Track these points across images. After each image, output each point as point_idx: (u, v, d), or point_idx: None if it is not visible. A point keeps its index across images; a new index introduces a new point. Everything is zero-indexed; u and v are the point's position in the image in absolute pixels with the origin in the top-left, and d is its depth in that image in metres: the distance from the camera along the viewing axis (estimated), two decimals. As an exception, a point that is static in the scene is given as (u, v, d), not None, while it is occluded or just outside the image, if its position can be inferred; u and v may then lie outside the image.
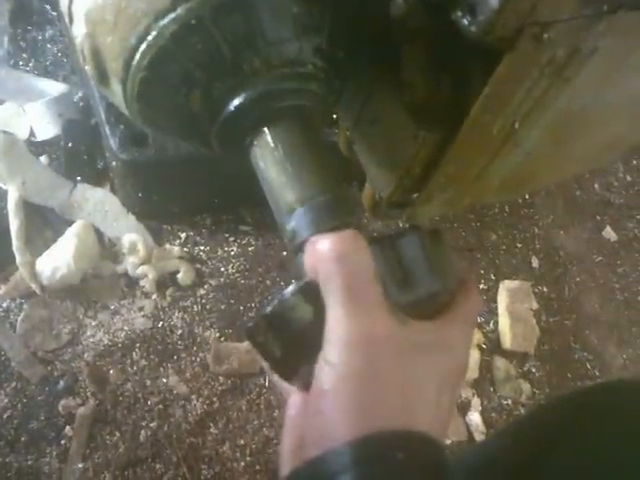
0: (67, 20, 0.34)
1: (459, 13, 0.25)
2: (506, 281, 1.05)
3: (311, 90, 0.33)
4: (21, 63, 1.05)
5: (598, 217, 1.22)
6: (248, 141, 0.34)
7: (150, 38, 0.30)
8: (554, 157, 0.43)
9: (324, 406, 0.27)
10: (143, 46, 0.31)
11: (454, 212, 1.01)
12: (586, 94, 0.35)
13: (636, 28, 0.30)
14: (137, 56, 0.31)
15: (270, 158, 0.33)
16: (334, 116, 0.45)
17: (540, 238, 1.14)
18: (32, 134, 0.96)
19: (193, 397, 0.86)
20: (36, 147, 0.96)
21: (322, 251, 0.28)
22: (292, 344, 0.30)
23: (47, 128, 0.96)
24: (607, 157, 0.54)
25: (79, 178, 0.94)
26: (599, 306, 1.11)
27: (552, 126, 0.37)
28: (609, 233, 1.20)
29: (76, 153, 0.95)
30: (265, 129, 0.33)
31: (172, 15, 0.29)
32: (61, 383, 0.84)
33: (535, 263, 1.11)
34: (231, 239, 0.99)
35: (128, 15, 0.30)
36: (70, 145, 0.94)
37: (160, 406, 0.85)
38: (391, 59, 0.33)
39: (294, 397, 0.31)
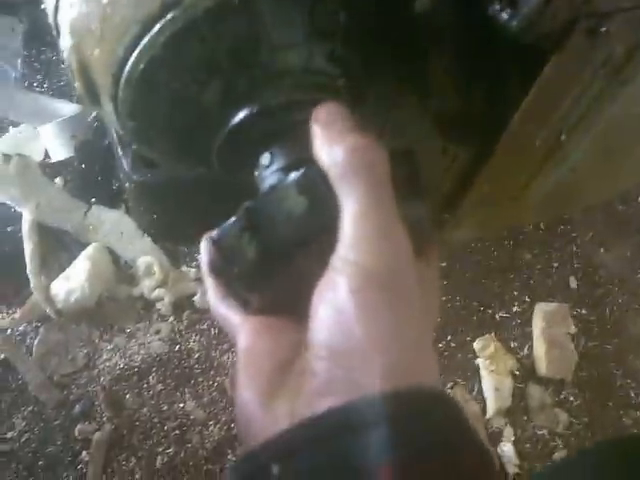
0: (55, 33, 0.31)
1: (497, 6, 0.21)
2: (542, 303, 0.98)
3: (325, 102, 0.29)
4: (35, 84, 1.05)
5: (642, 233, 1.14)
6: (254, 159, 0.30)
7: (139, 49, 0.27)
8: (604, 170, 0.38)
9: (351, 309, 0.23)
10: (132, 58, 0.27)
11: (486, 237, 0.95)
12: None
13: None
14: (126, 69, 0.28)
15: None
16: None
17: (578, 256, 1.07)
18: (47, 156, 0.96)
19: (210, 423, 0.83)
20: (51, 169, 0.95)
21: (349, 150, 0.26)
22: (272, 243, 0.26)
23: (61, 149, 0.95)
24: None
25: (94, 200, 0.93)
26: (644, 329, 1.03)
27: (604, 135, 0.32)
28: (655, 250, 1.12)
29: (90, 174, 0.93)
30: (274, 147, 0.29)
31: (162, 22, 0.26)
32: (77, 407, 0.83)
33: (573, 284, 1.04)
34: (250, 259, 0.96)
35: (114, 23, 0.27)
36: (84, 166, 0.93)
37: (177, 432, 0.82)
38: (416, 63, 0.29)
39: (249, 324, 0.28)
